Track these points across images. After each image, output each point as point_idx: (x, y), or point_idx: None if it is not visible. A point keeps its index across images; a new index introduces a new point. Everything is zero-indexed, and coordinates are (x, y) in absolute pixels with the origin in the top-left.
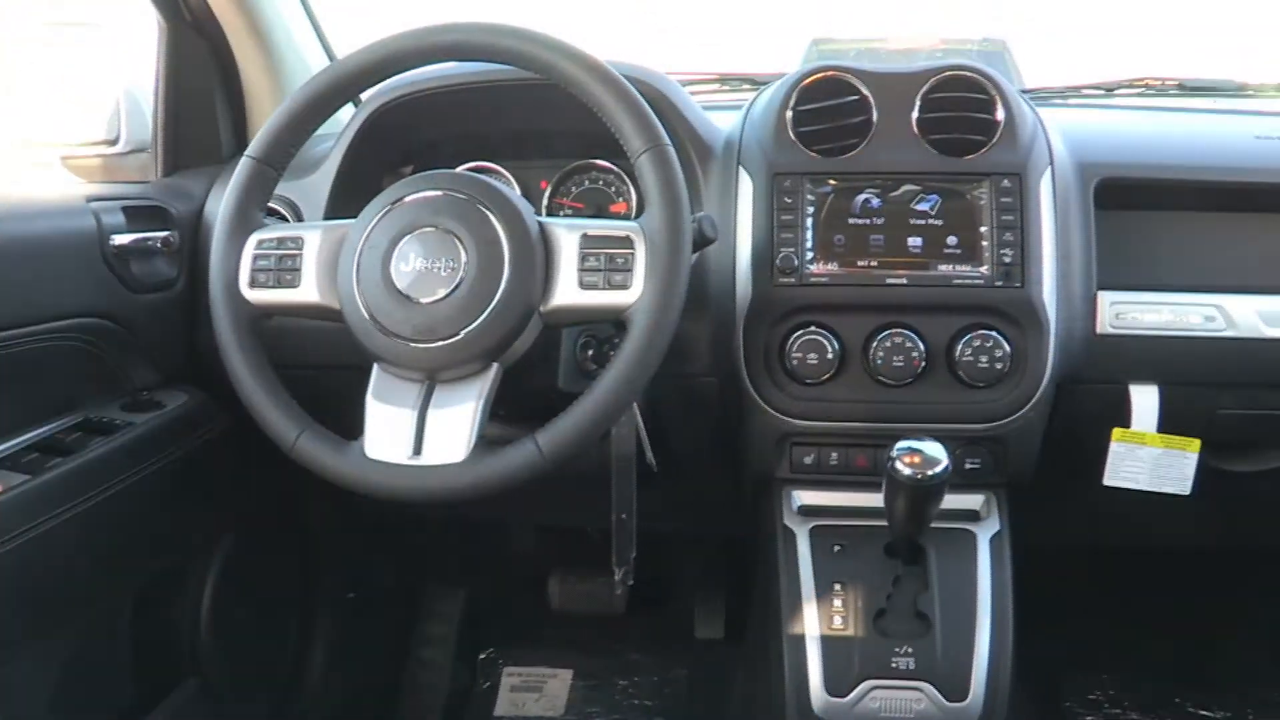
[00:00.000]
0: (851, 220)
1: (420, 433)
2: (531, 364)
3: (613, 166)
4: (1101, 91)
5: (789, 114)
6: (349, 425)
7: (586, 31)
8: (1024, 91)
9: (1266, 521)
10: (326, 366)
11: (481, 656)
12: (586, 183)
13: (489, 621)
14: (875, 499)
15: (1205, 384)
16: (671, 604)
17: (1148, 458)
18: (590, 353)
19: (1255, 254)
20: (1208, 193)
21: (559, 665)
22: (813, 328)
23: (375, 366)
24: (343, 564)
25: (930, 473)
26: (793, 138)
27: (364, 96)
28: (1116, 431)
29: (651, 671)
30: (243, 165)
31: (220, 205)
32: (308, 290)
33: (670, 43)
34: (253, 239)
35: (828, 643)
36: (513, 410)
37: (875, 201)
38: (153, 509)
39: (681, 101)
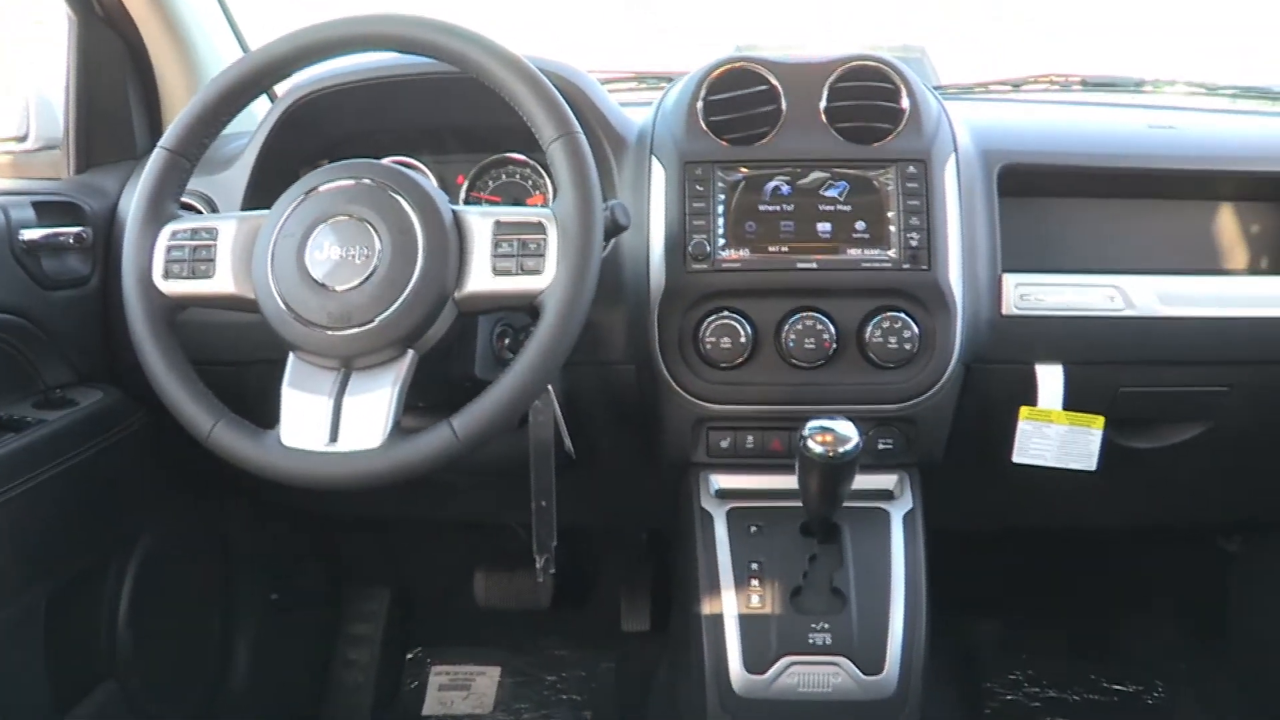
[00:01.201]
0: (762, 207)
1: (336, 420)
2: (448, 352)
3: (528, 160)
4: (1009, 87)
5: (700, 104)
6: (268, 421)
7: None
8: (936, 88)
9: (1167, 498)
10: (244, 362)
11: (409, 656)
12: (503, 176)
13: (415, 621)
14: (791, 481)
15: (1107, 362)
16: (597, 598)
17: (1054, 435)
18: (506, 341)
19: (1151, 237)
20: (1104, 178)
21: (486, 663)
22: (725, 312)
23: (291, 355)
24: (265, 564)
25: (841, 450)
26: (704, 127)
27: (280, 91)
28: (1024, 410)
29: (579, 666)
30: (155, 156)
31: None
32: (222, 281)
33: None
34: (166, 230)
35: (746, 621)
36: (431, 402)
37: (785, 188)
38: (66, 508)
39: (595, 94)
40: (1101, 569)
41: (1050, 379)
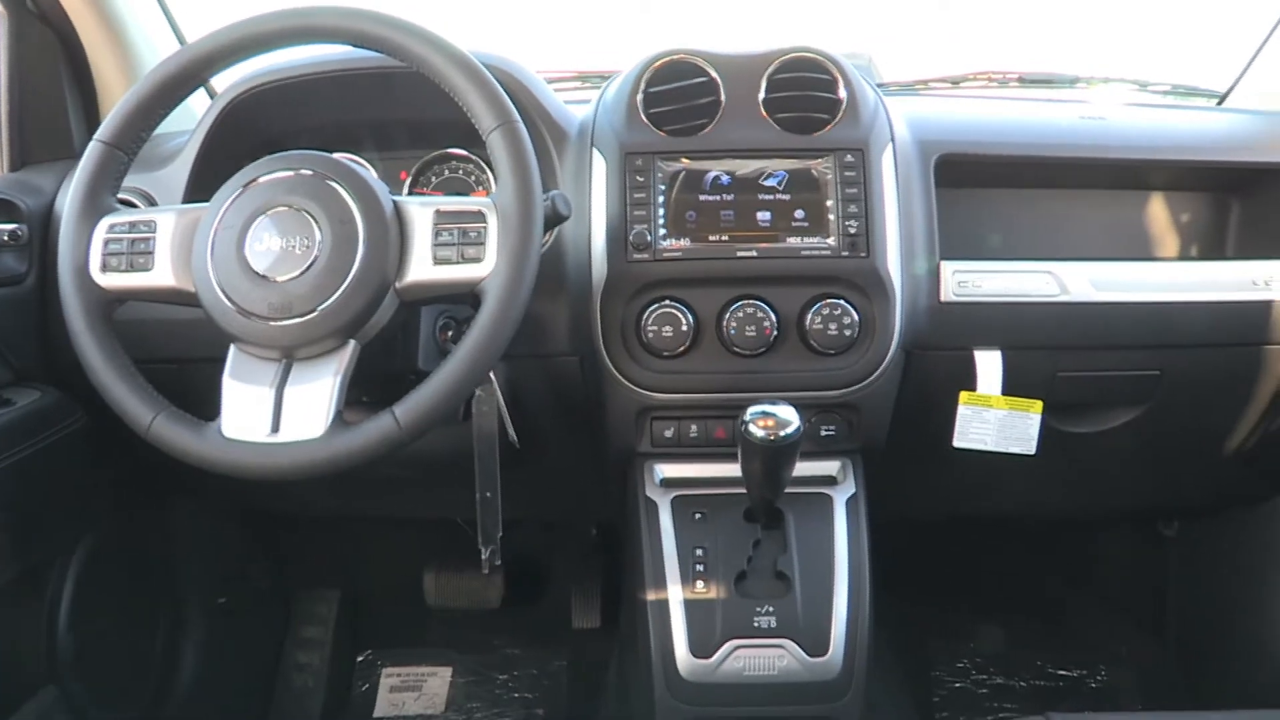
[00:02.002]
0: (702, 197)
1: (278, 410)
2: (390, 343)
3: (471, 155)
4: (948, 84)
5: (640, 96)
6: (210, 419)
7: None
8: (878, 85)
9: (1106, 483)
10: (185, 360)
11: (359, 659)
12: (446, 172)
13: (366, 622)
14: (735, 469)
15: (1044, 347)
16: (548, 596)
17: (994, 419)
18: (450, 334)
19: (1086, 227)
20: (1038, 168)
21: (438, 663)
22: (667, 301)
23: (231, 347)
24: (212, 567)
25: (783, 433)
26: (644, 119)
27: (221, 88)
28: (963, 394)
29: (530, 665)
30: (91, 149)
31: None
32: (162, 274)
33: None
34: (104, 223)
35: (691, 606)
36: (376, 398)
37: (725, 178)
38: (3, 510)
39: (535, 87)
40: (1046, 556)
41: (989, 364)
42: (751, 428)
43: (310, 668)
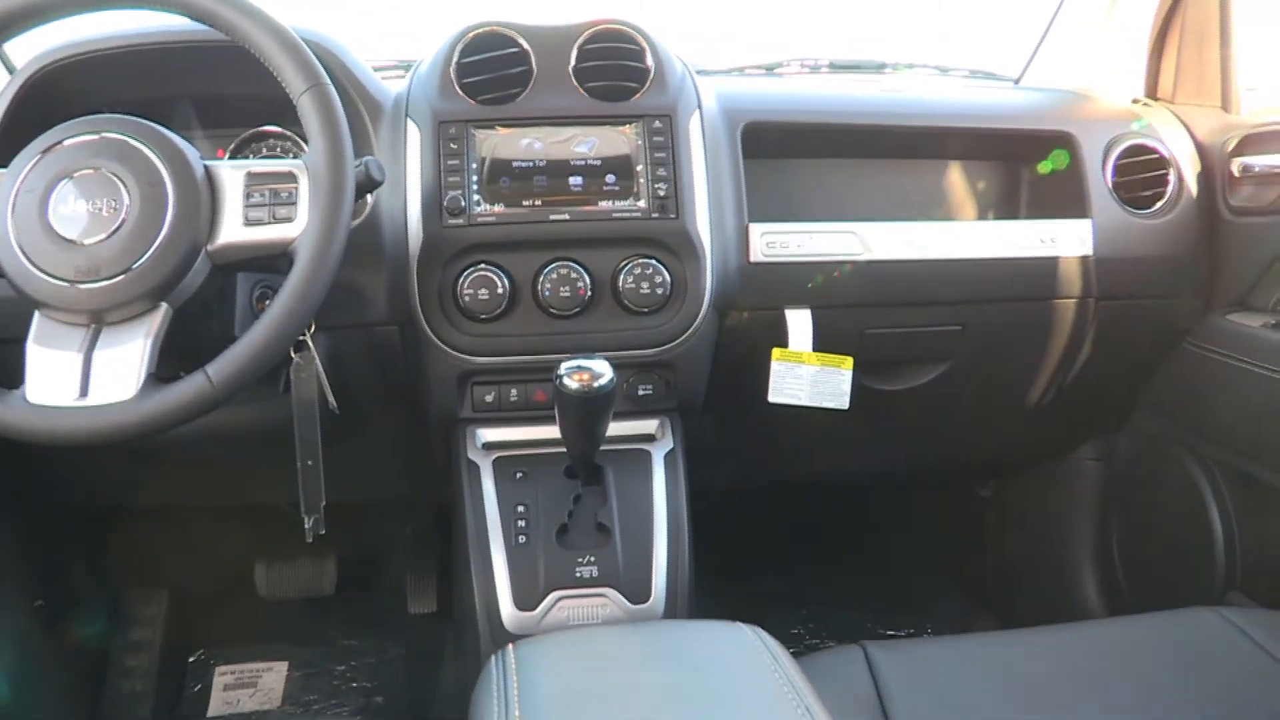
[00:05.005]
0: (516, 163)
1: (87, 374)
2: (205, 309)
3: (288, 133)
4: (763, 71)
5: (453, 67)
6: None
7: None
8: (699, 72)
9: (918, 441)
10: None
11: (191, 659)
12: (264, 150)
13: (196, 621)
14: (555, 431)
15: (851, 305)
16: (383, 582)
17: (806, 375)
18: (267, 302)
19: (890, 194)
20: (840, 136)
21: (273, 658)
22: (483, 265)
23: (36, 314)
24: (25, 569)
25: (596, 385)
26: (457, 89)
27: (21, 61)
28: (776, 351)
29: (368, 654)
30: None
31: None
32: None
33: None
34: None
35: (514, 561)
36: (193, 370)
37: (538, 145)
38: None
39: (349, 60)
40: (874, 522)
41: (799, 322)
42: (566, 381)
43: (139, 671)
